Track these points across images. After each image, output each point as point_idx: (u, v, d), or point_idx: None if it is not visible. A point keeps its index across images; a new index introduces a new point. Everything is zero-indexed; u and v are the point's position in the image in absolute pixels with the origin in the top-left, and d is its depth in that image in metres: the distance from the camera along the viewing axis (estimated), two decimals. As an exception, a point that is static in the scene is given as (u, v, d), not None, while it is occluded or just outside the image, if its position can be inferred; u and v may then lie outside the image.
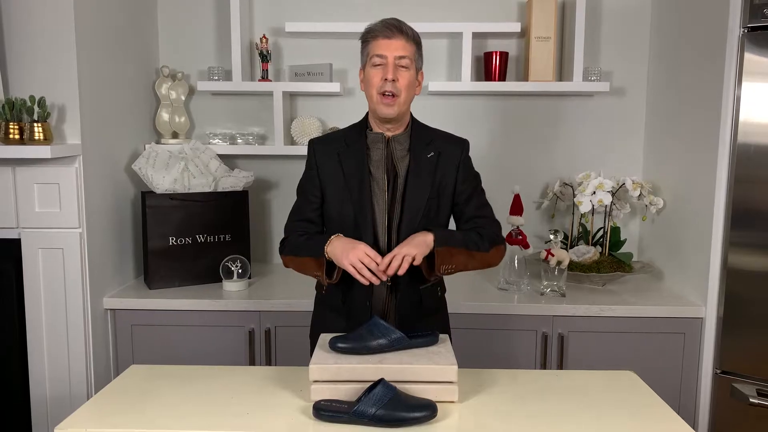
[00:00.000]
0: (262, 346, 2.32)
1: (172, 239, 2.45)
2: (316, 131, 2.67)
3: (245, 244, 2.58)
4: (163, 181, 2.43)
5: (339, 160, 1.72)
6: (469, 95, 2.79)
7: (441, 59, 2.79)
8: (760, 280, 2.10)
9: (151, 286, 2.43)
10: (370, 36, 1.67)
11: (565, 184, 2.69)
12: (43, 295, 2.16)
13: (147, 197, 2.41)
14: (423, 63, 1.74)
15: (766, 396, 2.08)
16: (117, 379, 1.61)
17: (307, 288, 2.28)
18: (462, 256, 1.66)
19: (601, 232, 2.64)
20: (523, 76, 2.72)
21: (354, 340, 1.50)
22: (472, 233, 1.71)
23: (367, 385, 1.40)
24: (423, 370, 1.43)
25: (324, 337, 1.59)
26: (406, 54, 1.64)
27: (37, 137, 2.01)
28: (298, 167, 1.86)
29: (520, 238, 2.45)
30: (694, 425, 2.26)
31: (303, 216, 1.77)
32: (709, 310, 2.22)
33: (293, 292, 2.39)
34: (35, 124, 2.01)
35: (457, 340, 1.78)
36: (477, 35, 2.64)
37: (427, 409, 1.36)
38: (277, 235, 2.88)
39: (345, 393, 1.43)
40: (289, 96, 2.79)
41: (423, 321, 1.73)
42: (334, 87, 2.64)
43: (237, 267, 2.46)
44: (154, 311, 2.32)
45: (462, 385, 1.49)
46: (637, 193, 2.53)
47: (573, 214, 2.68)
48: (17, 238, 2.15)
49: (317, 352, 1.51)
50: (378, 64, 1.64)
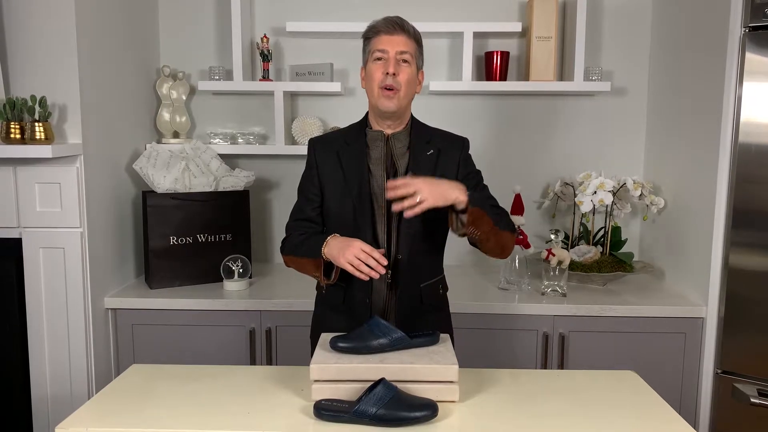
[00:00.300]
0: (263, 346, 2.33)
1: (173, 239, 2.45)
2: (316, 131, 2.67)
3: (246, 244, 2.58)
4: (164, 181, 2.43)
5: (338, 159, 1.72)
6: (469, 95, 2.79)
7: (442, 59, 2.79)
8: (761, 280, 2.09)
9: (151, 286, 2.44)
10: (372, 33, 1.68)
11: (566, 184, 2.69)
12: (44, 294, 2.16)
13: (148, 197, 2.41)
14: (423, 62, 1.75)
15: (767, 396, 2.07)
16: (118, 379, 1.61)
17: (307, 288, 2.29)
18: (488, 226, 1.59)
19: (602, 232, 2.63)
20: (524, 76, 2.72)
21: (355, 340, 1.50)
22: (495, 210, 1.65)
23: (368, 384, 1.40)
24: (424, 369, 1.43)
25: (325, 337, 1.59)
26: (408, 50, 1.65)
27: (38, 137, 2.01)
28: (299, 167, 1.86)
29: (521, 237, 2.45)
30: (694, 425, 2.26)
31: (303, 215, 1.77)
32: (710, 310, 2.22)
33: (294, 291, 2.39)
34: (36, 124, 2.01)
35: (458, 340, 1.78)
36: (478, 35, 2.65)
37: (428, 409, 1.36)
38: (277, 234, 2.88)
39: (346, 392, 1.43)
40: (290, 96, 2.79)
41: (424, 319, 1.72)
42: (335, 87, 2.64)
43: (238, 266, 2.46)
44: (155, 311, 2.32)
45: (463, 384, 1.49)
46: (638, 192, 2.53)
47: (574, 213, 2.67)
48: (18, 237, 2.15)
49: (318, 352, 1.51)
50: (379, 58, 1.65)
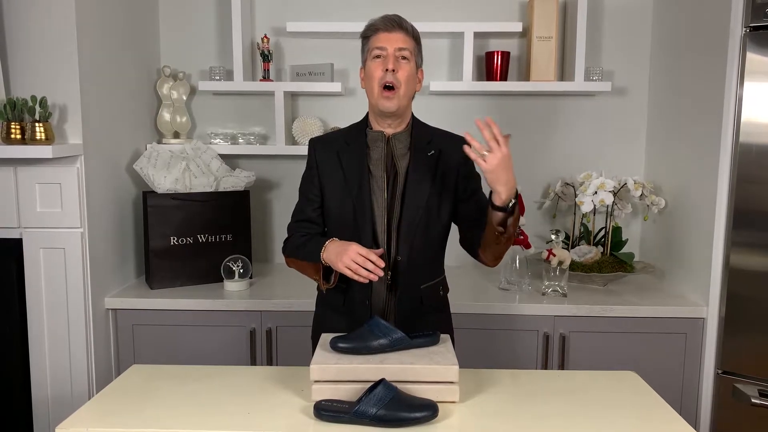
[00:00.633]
0: (263, 346, 2.33)
1: (174, 239, 2.45)
2: (317, 131, 2.67)
3: (246, 244, 2.58)
4: (164, 181, 2.43)
5: (339, 159, 1.71)
6: (470, 95, 2.79)
7: (442, 59, 2.78)
8: (762, 280, 2.09)
9: (152, 286, 2.44)
10: (371, 31, 1.68)
11: (567, 184, 2.68)
12: (45, 294, 2.16)
13: (148, 197, 2.41)
14: (423, 61, 1.74)
15: (767, 396, 2.07)
16: (118, 379, 1.61)
17: (308, 288, 2.29)
18: (513, 228, 1.59)
19: (602, 232, 2.63)
20: (525, 76, 2.71)
21: (355, 340, 1.50)
22: None
23: (368, 385, 1.40)
24: (424, 370, 1.43)
25: (325, 337, 1.59)
26: (407, 46, 1.65)
27: (38, 137, 2.01)
28: (300, 167, 1.86)
29: (522, 238, 2.45)
30: (695, 426, 2.26)
31: (304, 216, 1.77)
32: (711, 311, 2.21)
33: (294, 292, 2.39)
34: (37, 124, 2.01)
35: (458, 340, 1.78)
36: (478, 35, 2.64)
37: (428, 410, 1.35)
38: (278, 234, 2.88)
39: (346, 393, 1.43)
40: (291, 96, 2.79)
41: (424, 320, 1.71)
42: (336, 87, 2.64)
43: (238, 267, 2.46)
44: (156, 311, 2.32)
45: (463, 385, 1.49)
46: (638, 193, 2.53)
47: (574, 214, 2.67)
48: (19, 237, 2.15)
49: (318, 352, 1.50)
50: (378, 56, 1.65)
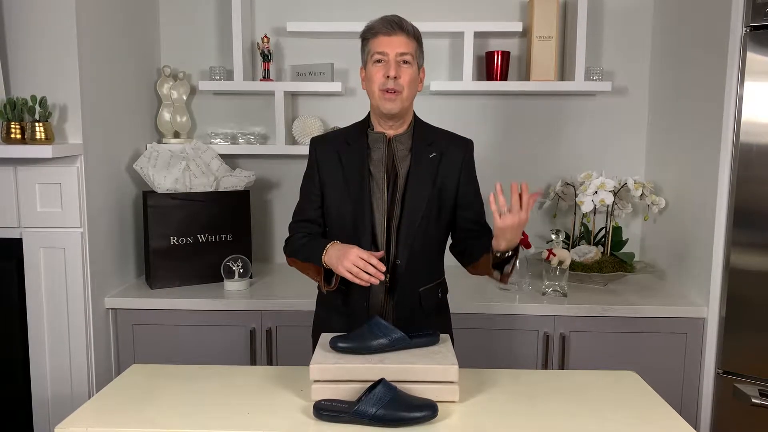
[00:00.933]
0: (263, 346, 2.32)
1: (174, 239, 2.45)
2: (317, 131, 2.67)
3: (246, 244, 2.58)
4: (164, 181, 2.43)
5: (339, 159, 1.71)
6: (470, 95, 2.79)
7: (442, 59, 2.78)
8: (763, 280, 2.09)
9: (152, 286, 2.44)
10: (371, 34, 1.65)
11: (567, 184, 2.68)
12: (45, 294, 2.16)
13: (148, 197, 2.41)
14: (424, 60, 1.72)
15: (767, 396, 2.07)
16: (118, 379, 1.61)
17: (308, 288, 2.28)
18: (507, 276, 1.71)
19: (602, 232, 2.63)
20: (525, 76, 2.71)
21: (355, 340, 1.50)
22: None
23: (368, 384, 1.40)
24: (424, 370, 1.43)
25: (325, 337, 1.58)
26: (408, 50, 1.63)
27: (38, 137, 2.01)
28: (300, 167, 1.86)
29: (522, 237, 2.42)
30: (695, 426, 2.26)
31: (305, 216, 1.76)
32: (711, 310, 2.21)
33: (294, 291, 2.39)
34: (37, 124, 2.01)
35: (458, 340, 1.78)
36: (478, 35, 2.64)
37: (428, 409, 1.35)
38: (278, 234, 2.88)
39: (345, 393, 1.43)
40: (291, 96, 2.79)
41: (423, 323, 1.71)
42: (336, 87, 2.64)
43: (238, 266, 2.46)
44: (156, 311, 2.32)
45: (463, 385, 1.49)
46: (639, 192, 2.53)
47: (575, 213, 2.67)
48: (19, 237, 2.15)
49: (318, 352, 1.50)
50: (379, 60, 1.63)
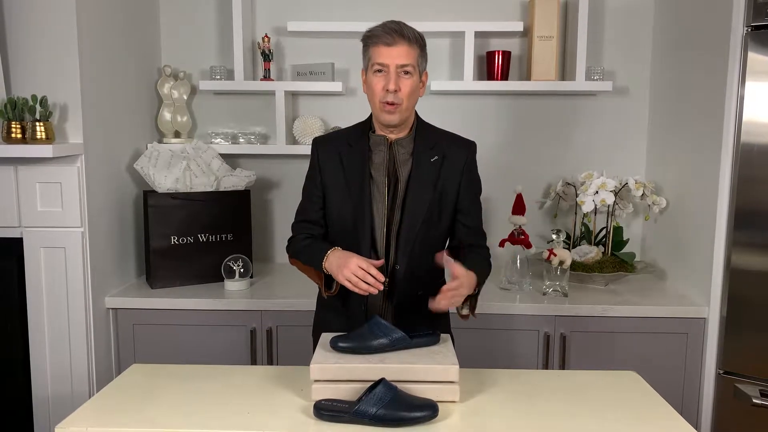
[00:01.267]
0: (264, 346, 2.32)
1: (174, 238, 2.45)
2: (318, 131, 2.67)
3: (247, 244, 2.58)
4: (165, 181, 2.43)
5: (341, 161, 1.69)
6: (471, 94, 2.79)
7: (443, 58, 2.78)
8: (764, 280, 2.09)
9: (152, 286, 2.44)
10: (371, 41, 1.62)
11: (568, 184, 2.68)
12: (45, 294, 2.16)
13: (149, 196, 2.41)
14: (427, 63, 1.69)
15: (769, 396, 2.07)
16: (118, 378, 1.61)
17: (308, 288, 2.28)
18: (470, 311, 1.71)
19: (603, 232, 2.63)
20: (526, 76, 2.71)
21: (355, 340, 1.50)
22: (483, 263, 1.73)
23: (368, 384, 1.40)
24: (424, 369, 1.43)
25: (325, 337, 1.58)
26: (409, 61, 1.59)
27: (39, 136, 2.01)
28: (300, 167, 1.86)
29: (523, 237, 2.44)
30: (696, 426, 2.26)
31: (307, 217, 1.76)
32: (712, 311, 2.21)
33: (295, 291, 2.39)
34: (37, 124, 2.01)
35: (458, 340, 1.78)
36: (479, 34, 2.64)
37: (428, 409, 1.35)
38: (279, 234, 2.88)
39: (346, 392, 1.43)
40: (291, 95, 2.79)
41: (422, 324, 1.67)
42: (336, 86, 2.64)
43: (239, 266, 2.46)
44: (156, 310, 2.32)
45: (463, 385, 1.49)
46: (639, 192, 2.52)
47: (575, 213, 2.67)
48: (19, 237, 2.15)
49: (318, 352, 1.50)
50: (379, 70, 1.60)
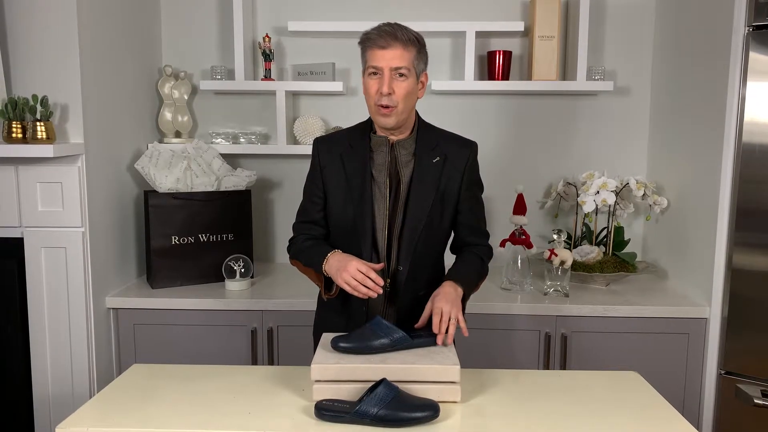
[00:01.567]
0: (265, 346, 2.32)
1: (175, 238, 2.45)
2: (318, 131, 2.67)
3: (248, 244, 2.58)
4: (165, 180, 2.43)
5: (342, 161, 1.69)
6: (472, 94, 2.79)
7: (444, 58, 2.78)
8: (765, 281, 2.08)
9: (153, 286, 2.43)
10: (366, 44, 1.60)
11: (569, 184, 2.68)
12: (46, 294, 2.16)
13: (150, 196, 2.41)
14: (427, 64, 1.67)
15: (770, 397, 2.07)
16: (119, 378, 1.61)
17: (309, 288, 2.28)
18: (472, 292, 1.72)
19: (604, 232, 2.63)
20: (527, 76, 2.71)
21: (356, 340, 1.49)
22: (477, 262, 1.74)
23: (369, 384, 1.40)
24: (425, 370, 1.43)
25: (326, 337, 1.58)
26: (403, 64, 1.56)
27: (39, 136, 2.01)
28: (301, 166, 1.86)
29: (524, 237, 2.44)
30: (697, 426, 2.25)
31: (308, 217, 1.76)
32: (714, 311, 2.21)
33: (296, 291, 2.39)
34: (38, 123, 2.01)
35: (459, 340, 1.78)
36: (480, 34, 2.64)
37: (430, 410, 1.35)
38: (279, 234, 2.88)
39: (347, 393, 1.42)
40: (292, 95, 2.79)
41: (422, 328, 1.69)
42: (337, 86, 2.64)
43: (239, 266, 2.46)
44: (157, 310, 2.32)
45: (464, 385, 1.49)
46: (641, 192, 2.52)
47: (576, 213, 2.66)
48: (20, 237, 2.15)
49: (319, 352, 1.50)
50: (374, 73, 1.59)
